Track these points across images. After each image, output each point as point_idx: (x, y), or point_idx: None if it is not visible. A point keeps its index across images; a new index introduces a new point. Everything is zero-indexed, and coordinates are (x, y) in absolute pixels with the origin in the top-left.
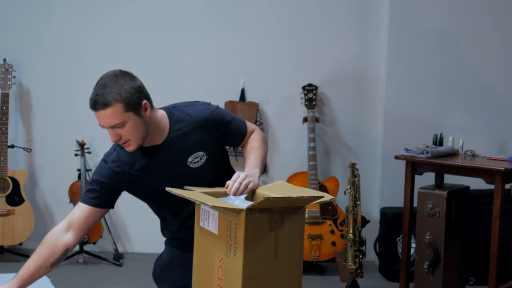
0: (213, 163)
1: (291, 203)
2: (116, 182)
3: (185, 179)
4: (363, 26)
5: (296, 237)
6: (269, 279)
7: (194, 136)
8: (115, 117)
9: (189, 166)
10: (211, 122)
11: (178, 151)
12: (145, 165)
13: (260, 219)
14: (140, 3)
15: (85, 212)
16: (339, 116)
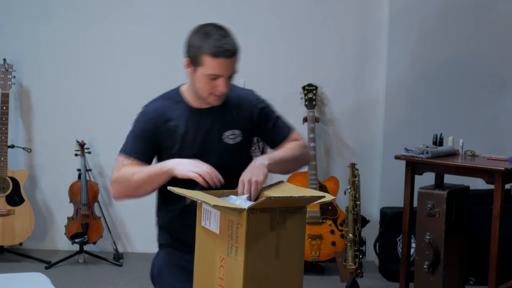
0: (244, 149)
1: (292, 203)
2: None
3: (214, 151)
4: (363, 26)
5: (297, 236)
6: (271, 279)
7: (236, 112)
8: (235, 66)
9: (223, 139)
10: (257, 108)
11: (219, 120)
12: (184, 124)
13: (262, 219)
14: (140, 3)
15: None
16: (339, 116)
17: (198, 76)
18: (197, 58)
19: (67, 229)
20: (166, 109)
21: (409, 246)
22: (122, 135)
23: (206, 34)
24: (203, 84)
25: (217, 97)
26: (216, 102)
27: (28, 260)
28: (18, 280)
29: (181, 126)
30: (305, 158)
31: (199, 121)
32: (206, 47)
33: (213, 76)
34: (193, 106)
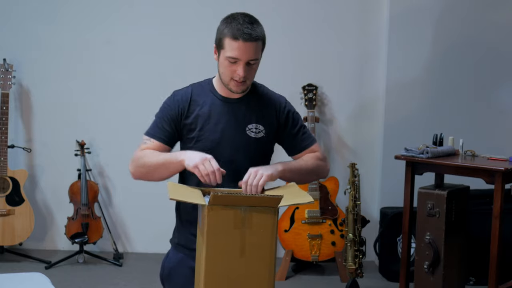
0: (264, 145)
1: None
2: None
3: (234, 141)
4: (363, 26)
5: (266, 237)
6: (234, 278)
7: (263, 108)
8: (257, 52)
9: (246, 131)
10: (285, 110)
11: (244, 112)
12: (208, 109)
13: (224, 216)
14: (140, 3)
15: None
16: (339, 116)
17: (221, 59)
18: (220, 41)
19: (67, 229)
20: (194, 93)
21: (409, 246)
22: (122, 135)
23: (232, 19)
24: (224, 68)
25: (237, 83)
26: (236, 89)
27: (28, 260)
28: (18, 280)
29: (205, 110)
30: (321, 171)
31: (224, 109)
32: (227, 30)
33: (232, 59)
34: (221, 94)
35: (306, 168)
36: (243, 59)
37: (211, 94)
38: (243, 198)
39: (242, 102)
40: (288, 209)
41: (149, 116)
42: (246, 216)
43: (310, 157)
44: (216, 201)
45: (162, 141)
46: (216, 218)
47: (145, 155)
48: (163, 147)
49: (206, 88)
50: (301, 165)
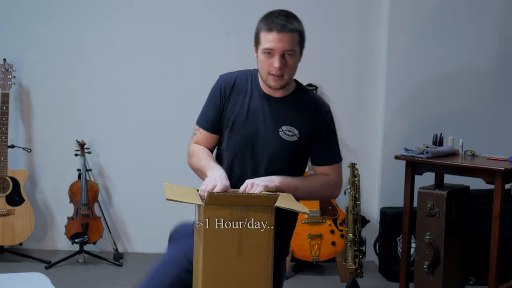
0: (295, 150)
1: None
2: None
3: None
4: (363, 26)
5: (263, 236)
6: (232, 277)
7: (302, 112)
8: (293, 43)
9: (278, 132)
10: (323, 117)
11: (281, 112)
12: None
13: (221, 215)
14: (140, 3)
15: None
16: (339, 116)
17: (259, 55)
18: (257, 36)
19: (67, 229)
20: (238, 82)
21: (409, 246)
22: (122, 135)
23: (269, 14)
24: (262, 62)
25: (274, 77)
26: (274, 83)
27: (28, 260)
28: (18, 280)
29: (244, 103)
30: (327, 195)
31: (262, 106)
32: (263, 24)
33: (267, 50)
34: (263, 90)
35: (308, 188)
36: (278, 49)
37: (254, 87)
38: (239, 197)
39: (281, 102)
40: None
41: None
42: (242, 215)
43: (320, 179)
44: (212, 201)
45: (209, 130)
46: (213, 218)
47: (193, 153)
48: (211, 136)
49: (250, 80)
50: (303, 184)
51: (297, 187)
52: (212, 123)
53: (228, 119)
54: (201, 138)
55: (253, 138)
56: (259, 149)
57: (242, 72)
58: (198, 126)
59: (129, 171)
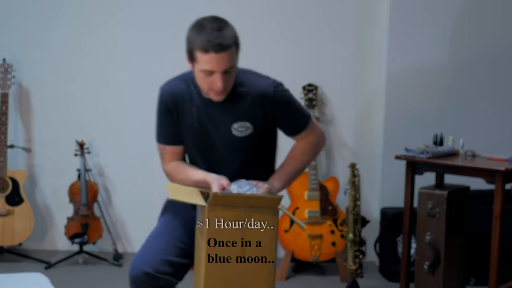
0: (256, 141)
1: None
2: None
3: (223, 142)
4: (363, 26)
5: (266, 237)
6: (234, 278)
7: (247, 105)
8: (232, 60)
9: (232, 132)
10: (270, 100)
11: (228, 112)
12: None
13: (224, 216)
14: (140, 4)
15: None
16: (339, 116)
17: (196, 72)
18: (192, 54)
19: (66, 229)
20: (180, 91)
21: (409, 246)
22: (122, 135)
23: (200, 28)
24: (201, 80)
25: (216, 93)
26: (217, 98)
27: (28, 261)
28: (17, 280)
29: (192, 112)
30: (317, 152)
31: (208, 111)
32: (197, 42)
33: (207, 71)
34: (204, 96)
35: (298, 165)
36: (218, 70)
37: (196, 94)
38: (243, 198)
39: (225, 102)
40: (288, 209)
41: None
42: (246, 216)
43: (302, 147)
44: (216, 201)
45: (174, 143)
46: (216, 218)
47: (175, 172)
48: (178, 149)
49: (192, 86)
50: (292, 166)
51: (291, 173)
52: (173, 137)
53: (181, 131)
54: (171, 154)
55: (210, 144)
56: (220, 152)
57: (181, 79)
58: (163, 144)
59: (129, 171)
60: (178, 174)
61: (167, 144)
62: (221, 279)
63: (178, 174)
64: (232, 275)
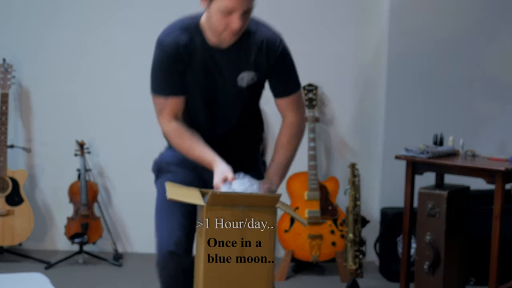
0: (255, 92)
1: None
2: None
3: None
4: (363, 26)
5: (265, 237)
6: (233, 277)
7: (255, 52)
8: (251, 1)
9: (237, 82)
10: (276, 50)
11: (235, 61)
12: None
13: (223, 215)
14: (140, 4)
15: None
16: (339, 116)
17: (213, 10)
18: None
19: (66, 229)
20: (183, 42)
21: (409, 246)
22: (122, 135)
23: None
24: (217, 20)
25: (232, 34)
26: (230, 39)
27: (28, 261)
28: (17, 280)
29: (198, 63)
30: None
31: (215, 60)
32: None
33: (227, 10)
34: (211, 42)
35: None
36: (239, 9)
37: (201, 42)
38: (241, 197)
39: (232, 50)
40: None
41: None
42: (244, 215)
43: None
44: (214, 200)
45: (177, 94)
46: (215, 218)
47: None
48: (180, 100)
49: (194, 33)
50: (286, 156)
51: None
52: (176, 86)
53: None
54: (172, 107)
55: (213, 94)
56: (222, 103)
57: (181, 29)
58: (163, 97)
59: (129, 171)
60: (181, 141)
61: (169, 94)
62: (220, 279)
63: (181, 142)
64: (231, 275)
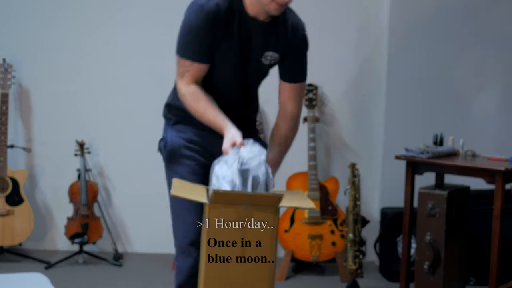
0: (267, 71)
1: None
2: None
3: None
4: (363, 26)
5: (266, 236)
6: (235, 277)
7: (286, 32)
8: None
9: (261, 59)
10: (299, 37)
11: (267, 38)
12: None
13: (225, 214)
14: (141, 4)
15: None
16: (339, 116)
17: None
18: None
19: (66, 229)
20: (224, 10)
21: (409, 246)
22: (122, 135)
23: None
24: None
25: (278, 6)
26: (275, 12)
27: (28, 261)
28: (17, 280)
29: (234, 32)
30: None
31: (249, 32)
32: None
33: None
34: (249, 14)
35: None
36: None
37: (239, 12)
38: (244, 195)
39: (267, 26)
40: (288, 209)
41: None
42: (247, 214)
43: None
44: (217, 198)
45: (201, 61)
46: (217, 216)
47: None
48: (203, 68)
49: (235, 7)
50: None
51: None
52: (205, 54)
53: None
54: (195, 72)
55: (236, 66)
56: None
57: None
58: (190, 61)
59: (129, 171)
60: (197, 104)
61: (195, 60)
62: (221, 279)
63: (197, 105)
64: (231, 275)
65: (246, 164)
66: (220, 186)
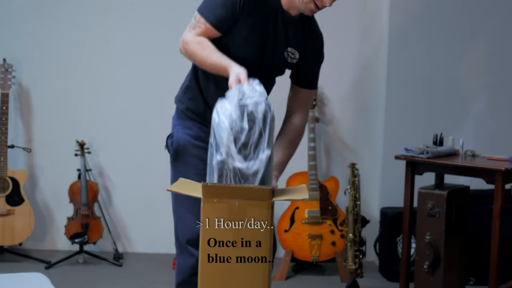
0: (281, 72)
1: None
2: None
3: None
4: (363, 26)
5: (261, 231)
6: (230, 272)
7: (306, 36)
8: None
9: (284, 53)
10: (318, 44)
11: (292, 34)
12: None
13: (219, 209)
14: (140, 4)
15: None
16: (339, 116)
17: None
18: None
19: (67, 229)
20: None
21: (409, 246)
22: (122, 135)
23: None
24: None
25: (315, 8)
26: (310, 12)
27: (28, 260)
28: (18, 280)
29: (262, 19)
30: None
31: (278, 23)
32: None
33: None
34: (283, 6)
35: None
36: None
37: (275, 3)
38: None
39: (295, 23)
40: (288, 209)
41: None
42: (240, 209)
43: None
44: (207, 191)
45: (215, 27)
46: (211, 211)
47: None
48: (213, 33)
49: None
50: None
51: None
52: (221, 22)
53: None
54: (205, 32)
55: (259, 54)
56: (265, 67)
57: None
58: (205, 20)
59: (129, 171)
60: (201, 49)
61: (212, 23)
62: (217, 278)
63: (201, 49)
64: (228, 269)
65: (245, 99)
66: (219, 121)
